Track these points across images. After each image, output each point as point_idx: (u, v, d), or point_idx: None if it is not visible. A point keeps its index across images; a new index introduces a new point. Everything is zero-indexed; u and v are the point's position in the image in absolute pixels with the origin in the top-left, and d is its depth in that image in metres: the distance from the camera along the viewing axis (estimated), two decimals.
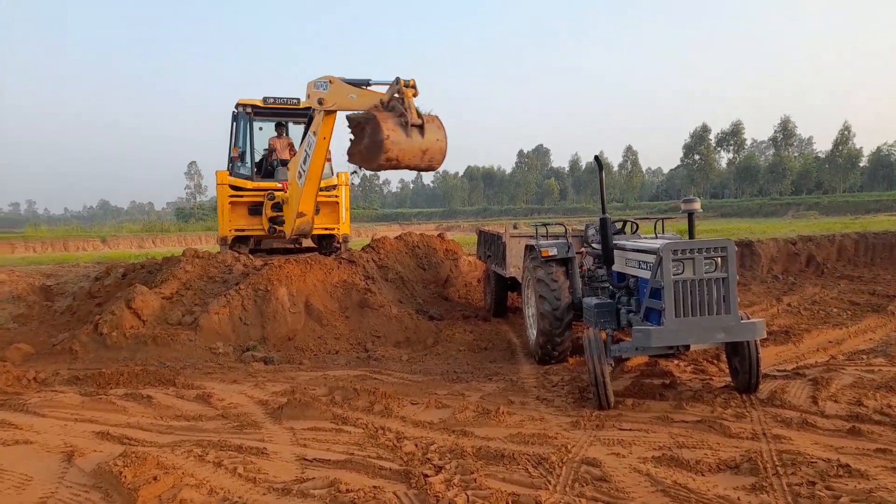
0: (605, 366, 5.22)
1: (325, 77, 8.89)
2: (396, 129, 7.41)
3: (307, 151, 9.39)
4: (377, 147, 7.38)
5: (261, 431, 4.92)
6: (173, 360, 7.33)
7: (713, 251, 4.96)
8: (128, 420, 5.25)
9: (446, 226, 59.03)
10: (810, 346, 7.50)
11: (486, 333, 8.92)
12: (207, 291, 8.68)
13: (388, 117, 7.51)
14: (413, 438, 4.69)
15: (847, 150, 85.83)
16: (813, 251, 14.00)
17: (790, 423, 4.70)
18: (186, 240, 42.06)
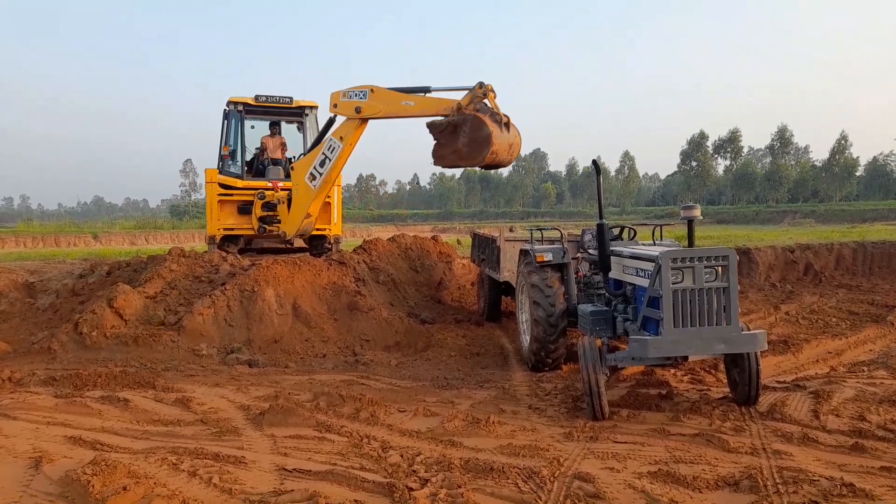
0: (600, 375, 5.04)
1: (361, 87, 9.31)
2: (494, 125, 8.09)
3: (327, 155, 9.62)
4: (484, 143, 8.00)
5: (240, 438, 4.71)
6: (154, 361, 7.11)
7: (714, 260, 4.79)
8: (102, 424, 5.03)
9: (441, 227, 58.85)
10: (809, 356, 7.34)
11: (479, 338, 8.73)
12: (193, 291, 8.47)
13: (486, 116, 8.13)
14: (399, 448, 4.49)
15: (844, 159, 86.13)
16: (811, 259, 13.88)
17: (791, 438, 4.52)
18: (180, 237, 41.83)
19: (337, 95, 9.47)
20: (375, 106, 9.21)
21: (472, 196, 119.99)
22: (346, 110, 9.42)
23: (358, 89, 9.28)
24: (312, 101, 11.91)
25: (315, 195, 9.99)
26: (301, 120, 12.11)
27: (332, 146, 9.57)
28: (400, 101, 9.08)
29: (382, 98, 9.18)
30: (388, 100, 9.13)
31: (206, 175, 11.27)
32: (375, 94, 9.21)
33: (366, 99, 9.22)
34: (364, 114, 9.29)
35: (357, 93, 9.25)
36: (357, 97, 9.24)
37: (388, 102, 9.13)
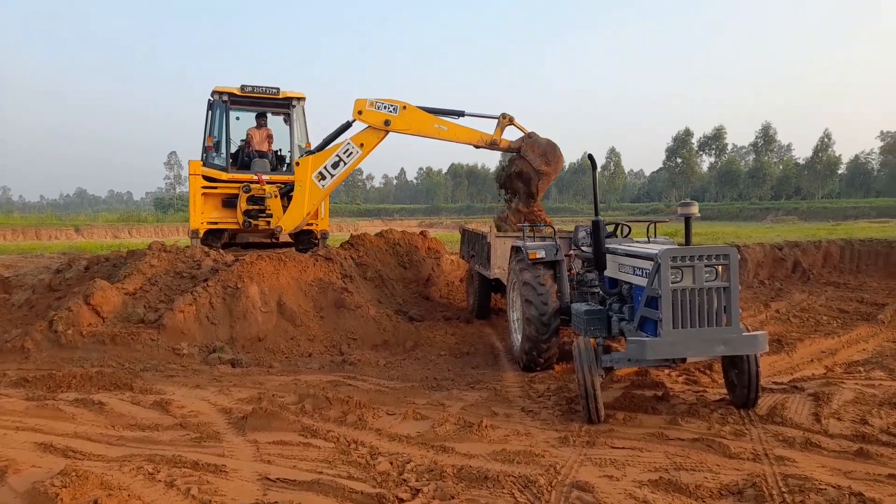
0: (595, 377, 4.87)
1: (393, 101, 9.74)
2: (535, 160, 9.91)
3: (342, 158, 9.97)
4: (535, 177, 9.95)
5: (221, 445, 4.49)
6: (133, 361, 6.85)
7: (714, 258, 4.63)
8: (75, 429, 4.78)
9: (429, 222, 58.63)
10: (804, 356, 7.24)
11: (469, 336, 8.55)
12: (174, 288, 8.19)
13: (526, 159, 9.96)
14: (388, 455, 4.29)
15: (826, 157, 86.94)
16: (799, 257, 13.86)
17: (793, 443, 4.39)
18: (164, 230, 41.28)
19: (363, 103, 9.77)
20: (406, 122, 9.71)
21: (458, 191, 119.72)
22: (374, 120, 9.76)
23: (389, 102, 9.69)
24: (300, 93, 11.62)
25: (322, 195, 10.29)
26: (288, 111, 11.81)
27: (350, 151, 9.90)
28: (433, 123, 9.70)
29: (415, 117, 9.71)
30: (422, 120, 9.71)
31: (190, 167, 10.96)
32: (408, 111, 9.70)
33: (396, 114, 9.67)
34: (393, 128, 9.71)
35: (388, 106, 9.65)
36: (387, 110, 9.65)
37: (421, 122, 9.72)
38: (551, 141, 10.05)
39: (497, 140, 9.93)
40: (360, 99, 9.85)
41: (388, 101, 9.78)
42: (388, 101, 9.76)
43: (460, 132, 9.88)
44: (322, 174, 10.06)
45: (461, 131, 9.88)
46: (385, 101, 9.76)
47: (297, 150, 11.75)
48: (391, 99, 9.80)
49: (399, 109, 9.71)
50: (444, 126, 9.72)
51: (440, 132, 9.75)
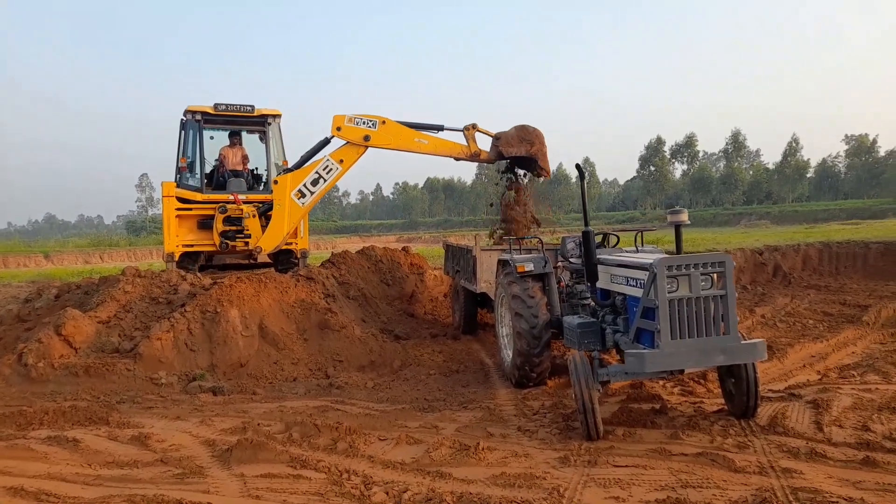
0: (593, 391, 4.74)
1: (371, 116, 9.67)
2: (520, 147, 9.94)
3: (322, 175, 9.88)
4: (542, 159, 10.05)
5: (205, 480, 4.25)
6: (108, 393, 6.53)
7: (710, 266, 4.54)
8: (49, 470, 4.49)
9: (407, 237, 58.40)
10: (795, 361, 7.20)
11: (457, 353, 8.37)
12: (150, 314, 7.89)
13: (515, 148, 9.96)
14: (383, 484, 4.10)
15: (795, 161, 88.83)
16: (779, 261, 13.97)
17: (798, 454, 4.29)
18: (136, 254, 40.45)
19: (342, 119, 9.71)
20: (386, 138, 9.67)
21: (435, 205, 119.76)
22: (353, 136, 9.71)
23: (368, 118, 9.63)
24: (275, 110, 11.43)
25: (302, 213, 10.14)
26: (263, 129, 11.60)
27: (330, 167, 9.81)
28: (413, 137, 9.66)
29: (394, 132, 9.67)
30: (401, 134, 9.68)
31: (163, 188, 10.67)
32: (387, 126, 9.64)
33: (376, 129, 9.61)
34: (373, 143, 9.66)
35: (367, 121, 9.59)
36: (366, 125, 9.59)
37: (400, 137, 9.68)
38: (518, 125, 9.94)
39: (478, 151, 9.94)
40: (339, 115, 9.78)
41: (367, 116, 9.71)
42: (366, 117, 9.70)
43: (441, 145, 9.86)
44: (301, 192, 9.95)
45: (441, 144, 9.87)
46: (364, 116, 9.69)
47: (275, 169, 11.55)
48: (370, 114, 9.73)
49: (378, 124, 9.65)
50: (424, 140, 9.71)
51: (420, 146, 9.72)
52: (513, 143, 9.77)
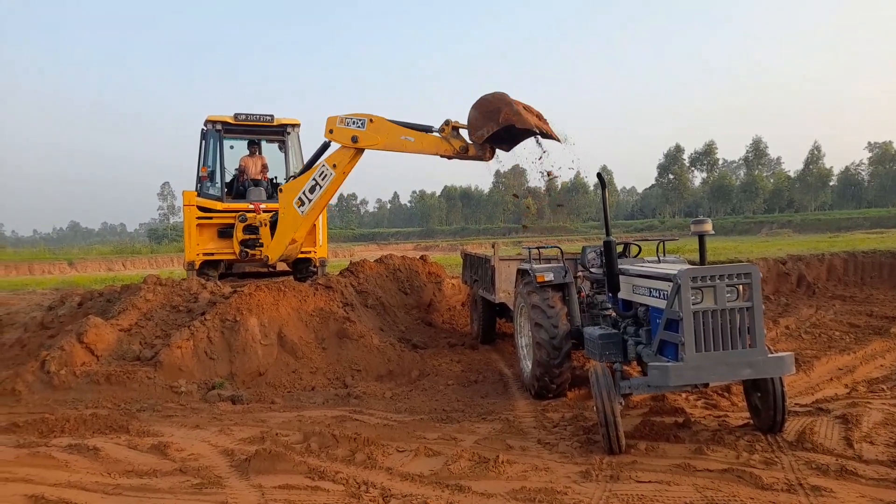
0: (615, 404, 4.65)
1: (360, 115, 9.02)
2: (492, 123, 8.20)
3: (318, 182, 9.37)
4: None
5: (224, 491, 4.23)
6: (129, 401, 6.56)
7: (736, 278, 4.45)
8: (69, 478, 4.51)
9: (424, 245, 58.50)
10: (822, 374, 7.04)
11: (475, 363, 8.31)
12: (170, 322, 7.94)
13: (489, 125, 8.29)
14: (402, 497, 4.05)
15: (817, 169, 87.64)
16: (803, 271, 13.70)
17: (828, 471, 4.17)
18: (158, 262, 40.93)
19: (334, 120, 9.20)
20: (373, 137, 9.00)
21: (453, 213, 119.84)
22: (343, 138, 9.16)
23: (357, 117, 9.05)
24: (294, 119, 11.52)
25: (302, 221, 9.66)
26: (283, 139, 11.70)
27: (325, 173, 9.31)
28: (400, 135, 8.92)
29: (382, 129, 8.97)
30: (388, 132, 8.96)
31: (184, 198, 10.79)
32: (374, 124, 8.97)
33: (364, 128, 8.98)
34: (361, 144, 9.09)
35: (356, 121, 9.02)
36: (355, 125, 9.01)
37: (388, 135, 8.97)
38: (476, 101, 8.29)
39: (465, 146, 8.76)
40: (332, 116, 9.23)
41: (357, 115, 9.11)
42: (356, 116, 9.09)
43: (427, 143, 8.92)
44: (301, 200, 9.51)
45: (429, 141, 8.92)
46: (354, 115, 9.11)
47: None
48: (360, 113, 9.13)
49: (366, 123, 9.01)
50: (410, 137, 8.92)
51: (406, 144, 8.95)
52: (478, 124, 8.32)
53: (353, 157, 9.20)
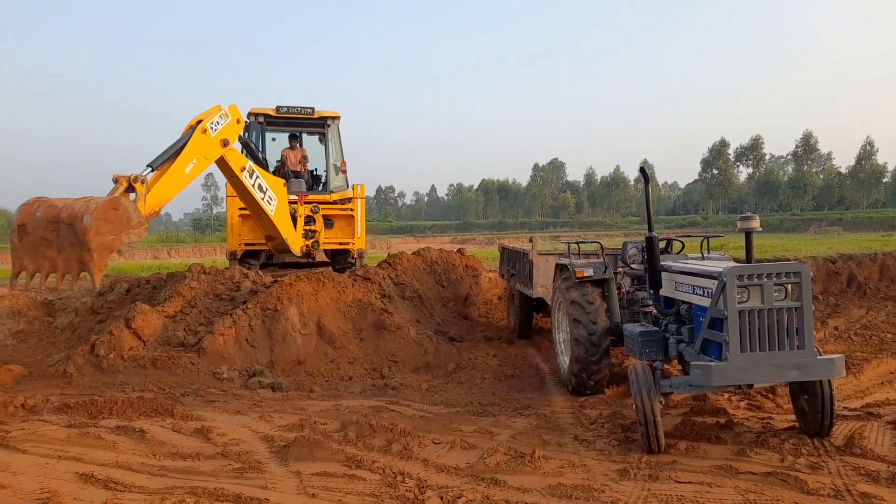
0: (655, 403, 4.57)
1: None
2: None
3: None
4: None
5: (263, 476, 4.32)
6: (173, 386, 6.75)
7: (784, 277, 4.31)
8: (116, 458, 4.66)
9: (461, 239, 58.49)
10: (872, 377, 6.80)
11: (512, 358, 8.28)
12: (213, 310, 8.13)
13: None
14: (437, 488, 4.06)
15: (870, 165, 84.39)
16: (854, 270, 13.22)
17: (878, 478, 4.02)
18: (201, 251, 41.92)
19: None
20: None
21: (490, 207, 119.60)
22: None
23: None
24: (334, 112, 11.63)
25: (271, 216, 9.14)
26: (323, 131, 11.82)
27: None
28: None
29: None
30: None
31: (227, 189, 10.97)
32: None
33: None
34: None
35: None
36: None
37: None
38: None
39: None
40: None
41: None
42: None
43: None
44: (269, 199, 9.06)
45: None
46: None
47: (333, 170, 11.74)
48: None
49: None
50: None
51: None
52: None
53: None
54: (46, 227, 6.33)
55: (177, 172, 7.35)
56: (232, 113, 8.12)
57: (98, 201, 6.26)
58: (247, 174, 8.51)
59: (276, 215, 9.13)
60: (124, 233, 6.40)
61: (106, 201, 6.25)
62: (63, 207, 6.29)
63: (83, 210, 6.11)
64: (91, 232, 6.05)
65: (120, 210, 6.33)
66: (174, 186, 7.39)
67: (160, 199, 7.21)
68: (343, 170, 12.09)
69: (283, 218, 9.38)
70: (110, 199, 6.30)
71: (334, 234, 11.18)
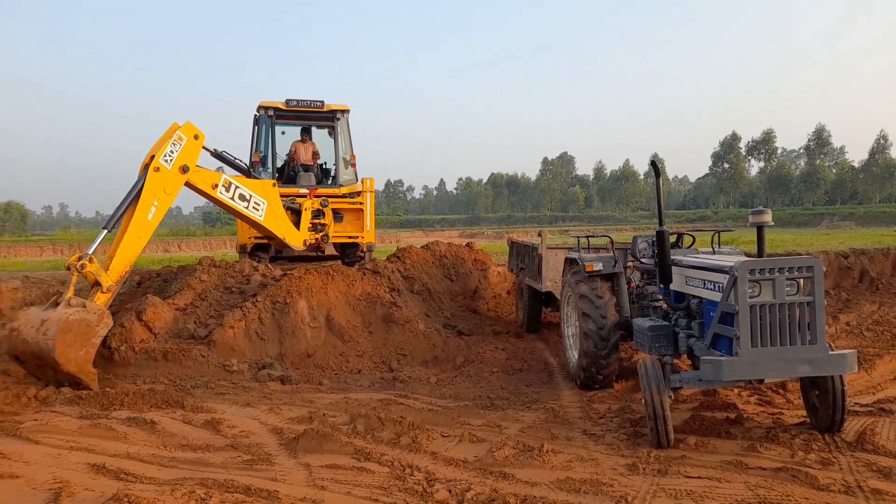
0: (664, 398, 4.56)
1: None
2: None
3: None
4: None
5: (273, 468, 4.35)
6: (184, 378, 6.80)
7: (797, 271, 4.27)
8: (128, 450, 4.71)
9: (470, 233, 58.44)
10: (884, 373, 6.74)
11: (520, 352, 8.27)
12: (223, 303, 8.17)
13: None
14: (446, 482, 4.07)
15: (884, 159, 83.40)
16: (866, 265, 13.08)
17: (889, 474, 3.99)
18: (211, 244, 42.16)
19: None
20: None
21: (499, 200, 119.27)
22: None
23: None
24: (344, 105, 11.61)
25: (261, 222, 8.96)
26: (332, 124, 11.81)
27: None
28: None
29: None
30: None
31: None
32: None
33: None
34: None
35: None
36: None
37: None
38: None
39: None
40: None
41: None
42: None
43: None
44: (255, 205, 8.87)
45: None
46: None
47: (343, 163, 11.74)
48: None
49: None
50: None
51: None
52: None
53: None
54: (31, 360, 6.40)
55: (139, 224, 7.16)
56: (186, 133, 7.68)
57: (52, 329, 6.12)
58: (222, 189, 8.20)
59: (267, 219, 8.90)
60: (92, 339, 6.36)
61: (58, 331, 6.08)
62: (31, 342, 6.22)
63: (46, 347, 6.09)
64: (63, 363, 6.09)
65: (74, 328, 6.19)
66: (139, 239, 7.23)
67: (127, 258, 7.13)
68: (352, 163, 12.08)
69: (275, 220, 9.13)
70: (61, 326, 6.11)
71: (343, 227, 11.17)
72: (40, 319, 6.32)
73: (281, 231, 9.28)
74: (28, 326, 6.34)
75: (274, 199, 9.13)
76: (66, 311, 6.29)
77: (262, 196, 8.88)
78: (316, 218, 10.26)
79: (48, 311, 6.45)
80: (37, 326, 6.26)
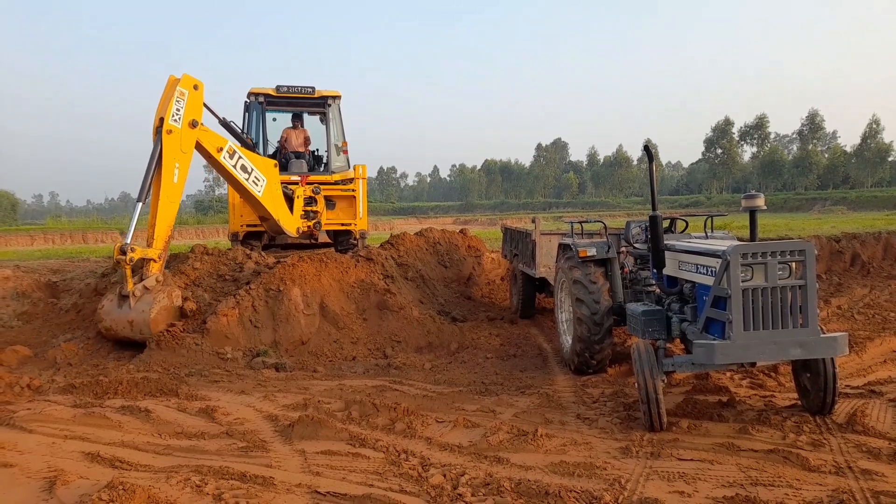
0: (657, 381, 4.59)
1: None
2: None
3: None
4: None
5: (268, 455, 4.36)
6: (178, 366, 6.79)
7: (788, 254, 4.29)
8: (122, 438, 4.71)
9: (464, 219, 58.41)
10: (874, 356, 6.80)
11: (514, 338, 8.30)
12: (217, 291, 8.15)
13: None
14: (440, 466, 4.09)
15: (876, 143, 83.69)
16: (858, 249, 13.17)
17: (879, 455, 4.03)
18: (204, 232, 41.99)
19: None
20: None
21: (492, 187, 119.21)
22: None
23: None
24: (335, 91, 11.53)
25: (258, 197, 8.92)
26: (324, 111, 11.73)
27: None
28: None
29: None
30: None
31: None
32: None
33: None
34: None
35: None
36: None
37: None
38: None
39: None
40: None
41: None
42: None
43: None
44: (255, 180, 8.87)
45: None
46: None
47: (334, 150, 11.67)
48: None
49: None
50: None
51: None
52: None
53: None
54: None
55: (167, 188, 7.50)
56: (185, 86, 7.66)
57: (146, 330, 7.25)
58: (226, 155, 8.27)
59: (265, 196, 8.91)
60: (175, 314, 7.57)
61: (151, 328, 7.23)
62: (130, 336, 7.40)
63: (146, 339, 7.25)
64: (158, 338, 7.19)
65: (161, 318, 7.34)
66: (172, 203, 7.62)
67: (167, 224, 7.62)
68: (344, 150, 12.03)
69: (273, 199, 9.13)
70: (150, 325, 7.22)
71: (336, 214, 11.14)
72: (127, 320, 7.27)
73: (277, 212, 9.28)
74: (120, 327, 7.33)
75: (274, 179, 9.17)
76: (143, 308, 7.24)
77: (264, 173, 8.91)
78: (308, 205, 10.21)
79: (124, 308, 7.30)
80: (128, 328, 7.29)
